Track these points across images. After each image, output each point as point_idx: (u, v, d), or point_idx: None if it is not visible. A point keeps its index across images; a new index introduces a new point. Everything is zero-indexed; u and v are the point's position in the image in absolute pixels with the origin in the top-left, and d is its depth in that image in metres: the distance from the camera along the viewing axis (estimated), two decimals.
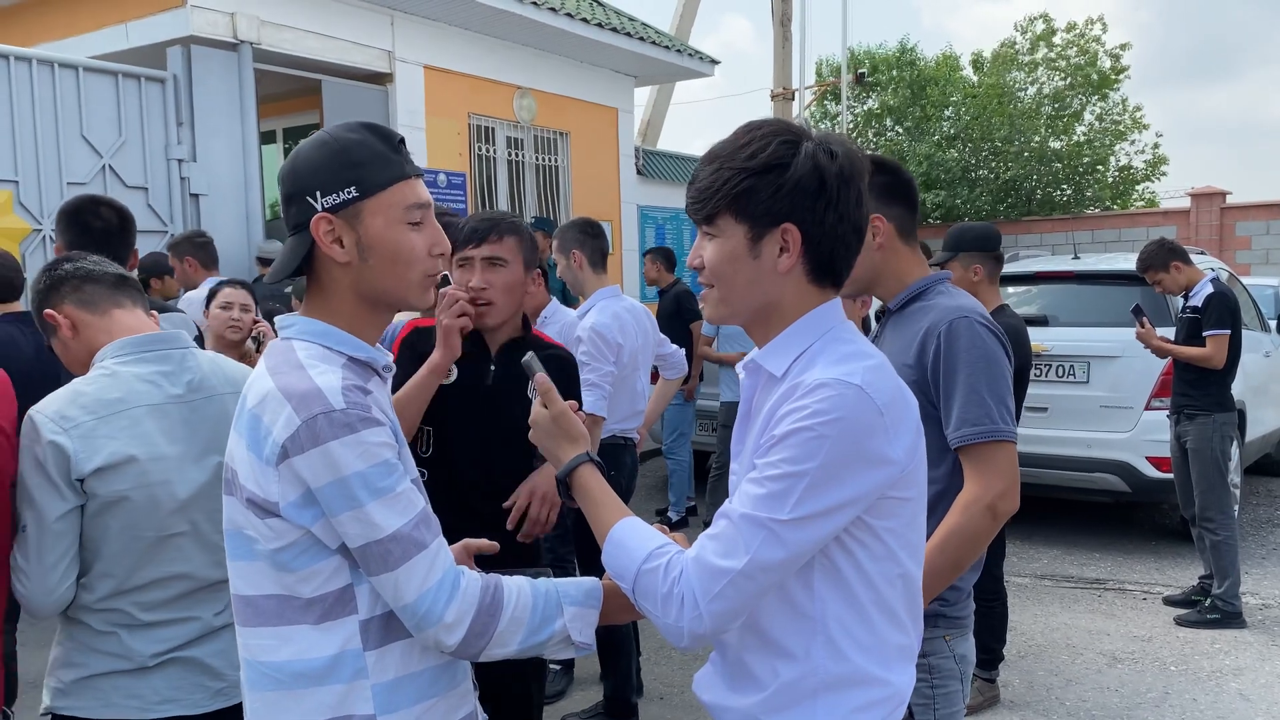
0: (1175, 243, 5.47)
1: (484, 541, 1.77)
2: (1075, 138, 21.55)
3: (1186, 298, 5.33)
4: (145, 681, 1.92)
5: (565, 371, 2.58)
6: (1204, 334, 5.16)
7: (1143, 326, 5.26)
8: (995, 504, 1.91)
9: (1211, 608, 5.19)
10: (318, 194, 1.44)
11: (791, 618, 1.41)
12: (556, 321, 4.58)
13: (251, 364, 3.24)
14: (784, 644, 1.42)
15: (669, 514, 7.48)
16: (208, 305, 3.70)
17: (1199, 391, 5.25)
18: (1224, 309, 5.16)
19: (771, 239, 1.41)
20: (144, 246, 6.44)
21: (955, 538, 1.93)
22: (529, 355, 1.65)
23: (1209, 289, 5.24)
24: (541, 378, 1.58)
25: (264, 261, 7.07)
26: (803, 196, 1.39)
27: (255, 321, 3.57)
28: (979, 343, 1.99)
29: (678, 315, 7.39)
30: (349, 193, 1.44)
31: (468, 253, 2.54)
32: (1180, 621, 5.18)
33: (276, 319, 1.53)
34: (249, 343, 3.58)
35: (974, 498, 1.92)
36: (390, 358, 1.57)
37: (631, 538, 1.42)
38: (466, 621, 1.39)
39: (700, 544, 1.37)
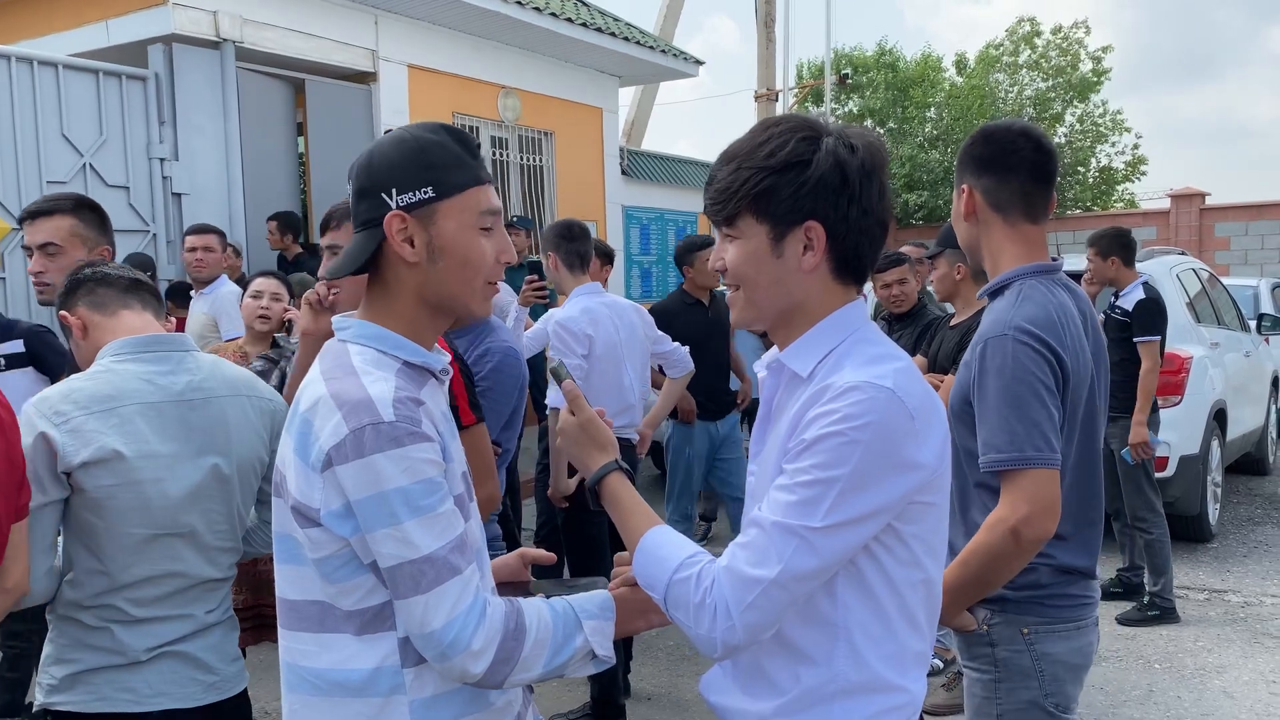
0: (1131, 241, 5.40)
1: (540, 552, 1.75)
2: (1056, 139, 21.74)
3: (1116, 296, 5.30)
4: (138, 675, 1.92)
5: None
6: (1134, 340, 5.12)
7: None
8: (1019, 529, 1.85)
9: (1150, 605, 5.22)
10: (393, 191, 1.41)
11: (814, 623, 1.38)
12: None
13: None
14: (806, 650, 1.39)
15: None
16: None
17: (1125, 394, 5.09)
18: (1154, 314, 5.14)
19: (795, 237, 1.39)
20: (126, 246, 6.41)
21: (978, 554, 1.92)
22: (557, 361, 1.61)
23: (1139, 293, 5.19)
24: (569, 385, 1.54)
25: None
26: (826, 193, 1.37)
27: (285, 310, 3.55)
28: (1012, 363, 1.91)
29: None
30: (425, 193, 1.41)
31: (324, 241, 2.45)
32: (1122, 620, 5.19)
33: (334, 320, 1.50)
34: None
35: (998, 519, 1.89)
36: (447, 360, 1.52)
37: (662, 547, 1.39)
38: (493, 648, 1.35)
39: (731, 552, 1.34)
